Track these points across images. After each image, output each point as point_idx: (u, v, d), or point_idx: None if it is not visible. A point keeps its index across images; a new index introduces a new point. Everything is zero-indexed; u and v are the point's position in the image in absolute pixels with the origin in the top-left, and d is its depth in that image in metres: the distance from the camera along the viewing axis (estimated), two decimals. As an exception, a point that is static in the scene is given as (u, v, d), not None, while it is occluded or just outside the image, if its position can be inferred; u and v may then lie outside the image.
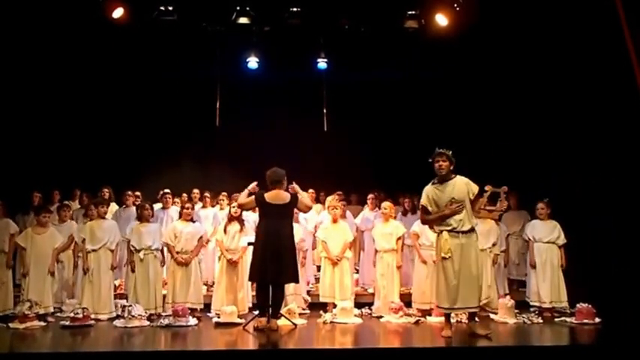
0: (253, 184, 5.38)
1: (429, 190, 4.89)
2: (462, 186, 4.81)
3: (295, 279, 5.21)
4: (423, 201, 4.90)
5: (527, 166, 7.09)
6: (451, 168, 4.84)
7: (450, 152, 4.85)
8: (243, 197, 5.30)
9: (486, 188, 4.96)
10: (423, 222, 5.11)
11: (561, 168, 6.65)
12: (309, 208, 5.63)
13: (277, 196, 5.12)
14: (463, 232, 4.74)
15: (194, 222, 6.00)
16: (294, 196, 5.20)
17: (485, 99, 7.95)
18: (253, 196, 5.20)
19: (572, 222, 6.02)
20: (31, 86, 7.47)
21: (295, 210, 6.23)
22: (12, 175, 7.02)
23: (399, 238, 5.96)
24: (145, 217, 5.91)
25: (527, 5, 6.58)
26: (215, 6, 7.35)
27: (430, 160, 4.88)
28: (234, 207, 5.89)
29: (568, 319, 5.50)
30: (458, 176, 4.86)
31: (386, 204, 6.14)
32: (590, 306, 5.41)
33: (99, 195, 6.98)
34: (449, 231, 4.75)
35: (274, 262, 4.97)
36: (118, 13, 7.08)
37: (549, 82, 6.84)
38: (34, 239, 5.72)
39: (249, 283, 5.64)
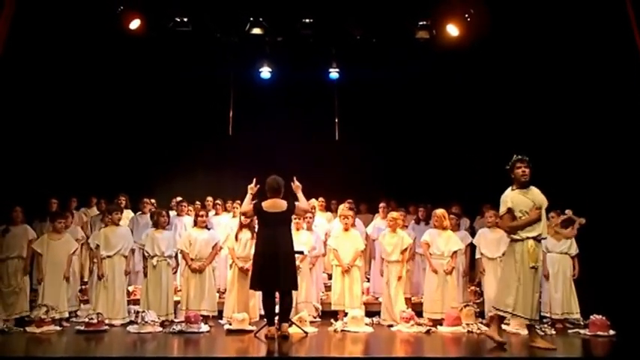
0: (252, 185, 5.35)
1: (512, 195, 4.68)
2: (539, 195, 4.70)
3: (294, 286, 5.19)
4: (509, 205, 4.64)
5: (538, 176, 7.05)
6: (531, 174, 4.70)
7: (528, 158, 4.72)
8: (246, 204, 5.34)
9: (567, 212, 4.94)
10: (509, 228, 4.70)
11: (573, 177, 6.62)
12: (306, 212, 5.65)
13: (274, 204, 5.16)
14: (540, 240, 4.64)
15: (209, 229, 6.06)
16: (292, 204, 5.23)
17: (497, 109, 7.95)
18: (252, 206, 5.25)
19: (585, 232, 5.97)
20: (50, 95, 7.64)
21: (308, 219, 6.31)
22: (30, 182, 7.17)
23: (404, 250, 5.95)
24: (161, 223, 5.98)
25: (538, 14, 6.61)
26: (229, 17, 7.48)
27: (508, 167, 4.75)
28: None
29: (581, 331, 5.43)
30: (532, 185, 4.75)
31: (392, 214, 6.15)
32: (604, 318, 5.34)
33: (115, 202, 7.10)
34: (534, 237, 4.58)
35: (272, 269, 5.00)
36: (135, 24, 7.24)
37: (564, 93, 6.83)
38: (50, 245, 5.83)
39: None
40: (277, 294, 5.18)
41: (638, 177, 5.84)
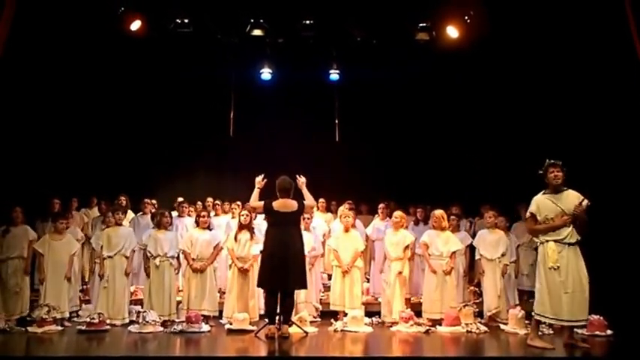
0: (259, 179, 5.39)
1: (539, 200, 4.77)
2: (574, 199, 4.69)
3: (303, 285, 5.26)
4: (533, 209, 4.76)
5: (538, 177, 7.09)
6: (564, 179, 4.73)
7: (561, 162, 4.75)
8: (254, 199, 5.37)
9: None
10: (530, 231, 4.90)
11: (572, 177, 6.64)
12: (312, 208, 5.71)
13: (285, 204, 5.21)
14: (569, 244, 4.64)
15: (211, 230, 6.09)
16: (301, 204, 5.28)
17: (496, 110, 7.98)
18: (262, 203, 5.29)
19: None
20: (51, 96, 7.67)
21: (307, 219, 6.34)
22: (31, 182, 7.19)
23: (406, 247, 5.99)
24: (164, 224, 6.02)
25: (537, 16, 6.64)
26: (230, 18, 7.52)
27: (541, 172, 4.79)
28: (242, 215, 5.97)
29: (579, 331, 5.45)
30: (570, 189, 4.75)
31: (397, 213, 6.19)
32: (601, 318, 5.37)
33: (116, 202, 7.13)
34: (555, 241, 4.62)
35: (282, 269, 5.04)
36: (136, 25, 7.26)
37: (563, 93, 6.86)
38: (52, 245, 5.84)
39: (260, 290, 5.72)
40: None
41: (637, 176, 5.86)
